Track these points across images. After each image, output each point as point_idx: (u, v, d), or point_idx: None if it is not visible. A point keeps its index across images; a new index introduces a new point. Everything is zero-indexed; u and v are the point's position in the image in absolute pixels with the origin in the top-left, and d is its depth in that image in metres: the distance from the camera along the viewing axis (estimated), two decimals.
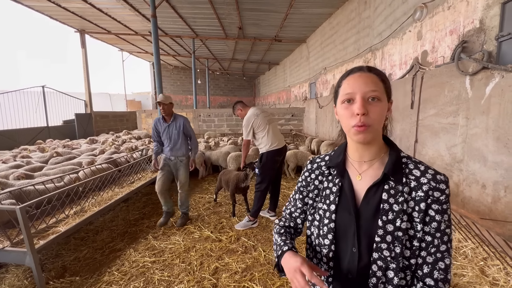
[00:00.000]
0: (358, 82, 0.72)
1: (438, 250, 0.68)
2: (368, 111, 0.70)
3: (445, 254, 0.68)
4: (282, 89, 15.10)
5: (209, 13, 8.09)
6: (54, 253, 2.84)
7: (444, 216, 0.69)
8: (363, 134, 0.71)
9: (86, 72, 10.31)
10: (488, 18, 2.63)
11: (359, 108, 0.70)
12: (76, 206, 3.11)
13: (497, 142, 2.40)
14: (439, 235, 0.68)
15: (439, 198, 0.69)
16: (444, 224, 0.69)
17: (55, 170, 3.85)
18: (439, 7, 3.38)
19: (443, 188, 0.69)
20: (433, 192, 0.69)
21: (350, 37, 6.51)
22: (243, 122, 3.43)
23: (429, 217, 0.69)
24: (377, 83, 0.72)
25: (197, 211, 3.98)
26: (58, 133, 9.34)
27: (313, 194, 0.88)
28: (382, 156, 0.79)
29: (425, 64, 3.66)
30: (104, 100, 18.33)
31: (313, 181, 0.89)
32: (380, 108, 0.71)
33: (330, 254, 0.79)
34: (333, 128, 7.56)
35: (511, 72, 2.24)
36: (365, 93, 0.71)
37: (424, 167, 0.73)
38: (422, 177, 0.71)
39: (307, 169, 0.92)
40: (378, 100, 0.71)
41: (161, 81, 5.74)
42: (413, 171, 0.73)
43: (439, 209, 0.69)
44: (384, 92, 0.73)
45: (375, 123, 0.71)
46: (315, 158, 0.93)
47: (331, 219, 0.79)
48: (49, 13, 8.40)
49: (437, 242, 0.68)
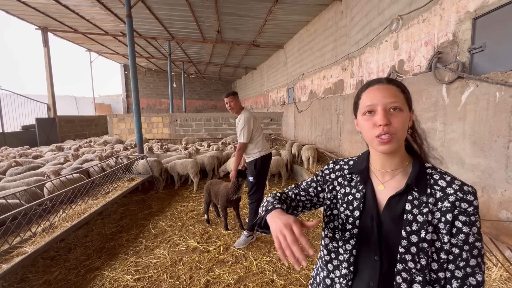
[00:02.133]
0: (378, 95, 0.73)
1: (467, 264, 0.66)
2: (391, 121, 0.70)
3: (475, 269, 0.66)
4: (259, 93, 15.18)
5: (187, 16, 7.89)
6: (19, 278, 2.49)
7: (473, 228, 0.67)
8: (387, 144, 0.71)
9: (49, 73, 9.48)
10: (460, 32, 2.85)
11: (381, 119, 0.70)
12: (45, 222, 2.78)
13: (474, 146, 2.59)
14: (467, 247, 0.66)
15: (466, 210, 0.68)
16: (473, 237, 0.67)
17: (16, 182, 3.42)
18: (414, 20, 3.61)
19: (471, 200, 0.68)
20: (460, 203, 0.68)
21: (327, 45, 6.73)
22: (240, 121, 3.05)
23: (456, 228, 0.68)
24: (397, 94, 0.73)
25: (180, 220, 3.79)
26: (15, 139, 8.44)
27: (330, 195, 0.87)
28: (406, 166, 0.78)
29: (402, 73, 3.87)
30: (69, 103, 17.02)
31: (332, 181, 0.88)
32: (402, 117, 0.71)
33: (351, 259, 0.77)
34: (312, 132, 7.73)
35: (484, 82, 2.44)
36: (386, 104, 0.71)
37: (450, 177, 0.73)
38: (448, 187, 0.71)
39: (329, 167, 0.92)
40: (399, 110, 0.72)
41: (137, 84, 5.42)
42: (438, 182, 0.72)
43: (467, 221, 0.67)
44: (405, 102, 0.74)
45: (398, 132, 0.71)
46: (339, 160, 0.93)
47: (354, 225, 0.78)
48: (5, 7, 7.61)
49: (465, 255, 0.66)
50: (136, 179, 4.70)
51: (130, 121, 10.19)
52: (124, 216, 3.99)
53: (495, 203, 2.40)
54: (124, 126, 10.36)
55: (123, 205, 4.43)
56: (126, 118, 10.38)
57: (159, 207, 4.34)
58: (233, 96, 3.09)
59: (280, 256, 0.63)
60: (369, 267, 0.74)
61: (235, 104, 3.10)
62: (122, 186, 4.31)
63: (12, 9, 7.72)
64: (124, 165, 4.59)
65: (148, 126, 10.23)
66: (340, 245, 0.80)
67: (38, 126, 8.99)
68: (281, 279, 2.43)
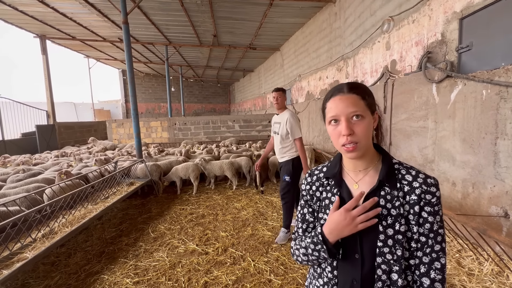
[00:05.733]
0: (340, 105, 0.77)
1: (432, 250, 0.73)
2: (354, 130, 0.75)
3: (440, 253, 0.73)
4: (257, 95, 15.26)
5: (183, 21, 7.98)
6: (19, 283, 2.53)
7: (436, 217, 0.74)
8: (353, 152, 0.76)
9: (48, 80, 9.56)
10: (448, 32, 2.91)
11: (344, 129, 0.75)
12: (45, 228, 2.83)
13: (464, 143, 2.64)
14: (432, 235, 0.73)
15: (430, 201, 0.74)
16: (437, 225, 0.74)
17: (17, 189, 3.47)
18: (404, 21, 3.67)
19: (433, 191, 0.74)
20: (425, 195, 0.74)
21: (322, 46, 6.81)
22: (288, 118, 3.01)
23: (423, 218, 0.74)
24: (357, 103, 0.77)
25: (179, 223, 3.82)
26: (15, 147, 8.49)
27: (316, 206, 0.90)
28: (376, 163, 0.83)
29: (394, 72, 3.93)
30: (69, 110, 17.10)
31: (314, 192, 0.91)
32: (364, 124, 0.76)
33: (334, 263, 0.81)
34: (310, 133, 7.78)
35: (472, 81, 2.49)
36: (348, 114, 0.76)
37: (415, 171, 0.78)
38: (414, 181, 0.76)
39: (307, 182, 0.94)
40: (361, 117, 0.76)
41: (134, 89, 5.48)
42: (405, 176, 0.78)
43: (431, 211, 0.73)
44: (366, 109, 0.78)
45: (362, 139, 0.76)
46: (313, 170, 0.96)
47: None
48: (3, 16, 7.70)
49: (431, 242, 0.73)
50: (135, 183, 4.74)
51: (129, 126, 10.25)
52: (123, 220, 4.03)
53: (485, 198, 2.44)
54: (123, 131, 10.42)
55: (122, 209, 4.47)
56: (125, 123, 10.44)
57: (158, 210, 4.38)
58: (282, 92, 3.09)
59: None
60: (350, 266, 0.79)
61: (282, 101, 3.09)
62: (121, 190, 4.35)
63: (10, 18, 7.81)
64: (122, 170, 4.64)
65: (147, 131, 10.29)
66: None
67: (38, 133, 9.05)
68: (278, 279, 2.47)
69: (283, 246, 3.06)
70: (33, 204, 3.15)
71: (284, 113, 3.10)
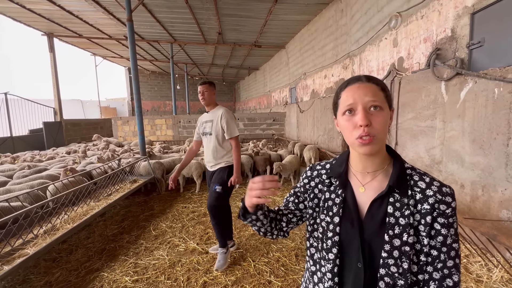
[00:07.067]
0: (358, 93, 0.70)
1: (445, 265, 0.66)
2: (371, 121, 0.68)
3: (452, 270, 0.66)
4: (262, 94, 15.18)
5: (187, 18, 7.95)
6: (21, 279, 2.55)
7: (450, 230, 0.67)
8: (368, 146, 0.68)
9: (55, 77, 9.68)
10: (459, 28, 2.79)
11: (361, 119, 0.68)
12: (47, 224, 2.84)
13: (473, 144, 2.53)
14: (445, 249, 0.66)
15: (445, 211, 0.67)
16: (451, 238, 0.67)
17: (21, 185, 3.50)
18: (412, 16, 3.56)
19: (449, 201, 0.67)
20: (439, 205, 0.67)
21: (328, 43, 6.69)
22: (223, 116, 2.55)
23: (435, 230, 0.67)
24: (376, 93, 0.71)
25: (181, 222, 3.81)
26: (23, 143, 8.64)
27: (312, 203, 0.84)
28: (386, 167, 0.76)
29: (401, 70, 3.82)
30: (76, 107, 17.34)
31: (312, 189, 0.85)
32: (382, 117, 0.69)
33: (335, 269, 0.75)
34: (314, 132, 7.68)
35: (483, 78, 2.38)
36: (366, 103, 0.69)
37: (430, 178, 0.72)
38: (428, 189, 0.69)
39: (306, 175, 0.88)
40: (380, 109, 0.69)
41: (138, 87, 5.49)
42: (418, 183, 0.71)
43: (445, 223, 0.67)
44: (385, 101, 0.72)
45: (379, 133, 0.69)
46: (315, 165, 0.90)
47: (335, 232, 0.75)
48: (12, 14, 7.81)
49: (443, 257, 0.66)
50: (138, 181, 4.75)
51: (134, 123, 10.32)
52: (126, 217, 4.03)
53: (495, 202, 2.34)
54: (128, 128, 10.50)
55: (125, 206, 4.48)
56: (130, 121, 10.52)
57: (160, 208, 4.38)
58: (208, 85, 2.56)
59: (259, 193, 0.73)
60: (352, 275, 0.72)
61: (209, 95, 2.57)
62: (124, 188, 4.36)
63: (18, 16, 7.92)
64: (125, 167, 4.65)
65: (152, 128, 10.35)
66: (323, 255, 0.78)
67: (45, 129, 9.18)
68: (278, 281, 2.42)
69: (284, 247, 3.01)
70: (36, 200, 3.17)
71: (216, 110, 2.61)
